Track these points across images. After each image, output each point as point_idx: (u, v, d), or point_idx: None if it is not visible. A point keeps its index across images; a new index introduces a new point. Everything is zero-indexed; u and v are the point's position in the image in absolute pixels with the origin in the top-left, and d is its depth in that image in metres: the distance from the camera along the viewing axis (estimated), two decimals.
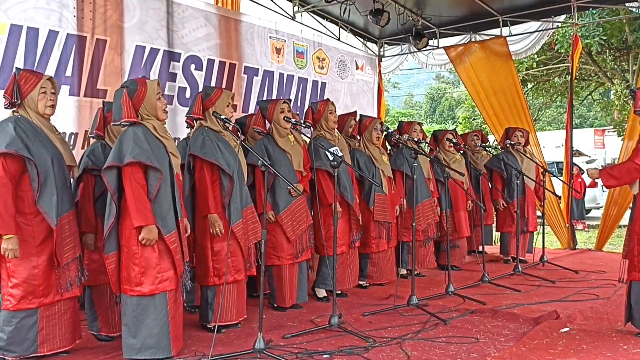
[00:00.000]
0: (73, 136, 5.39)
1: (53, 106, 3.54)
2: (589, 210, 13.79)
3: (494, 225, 7.46)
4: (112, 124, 3.70)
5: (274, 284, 4.68)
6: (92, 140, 4.21)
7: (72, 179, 3.72)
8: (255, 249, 4.22)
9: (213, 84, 6.70)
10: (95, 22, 5.61)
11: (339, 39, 8.73)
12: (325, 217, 4.96)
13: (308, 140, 5.23)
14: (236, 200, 4.03)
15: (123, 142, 3.40)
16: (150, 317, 3.40)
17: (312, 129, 5.06)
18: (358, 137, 5.69)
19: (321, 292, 5.14)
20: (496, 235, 7.36)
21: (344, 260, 5.17)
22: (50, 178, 3.36)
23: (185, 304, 4.50)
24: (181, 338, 3.64)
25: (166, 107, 3.65)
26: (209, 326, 4.08)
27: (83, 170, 3.84)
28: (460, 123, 23.18)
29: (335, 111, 5.19)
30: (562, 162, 8.45)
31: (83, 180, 3.85)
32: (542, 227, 6.87)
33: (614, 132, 17.43)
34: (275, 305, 4.70)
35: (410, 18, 8.10)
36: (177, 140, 5.56)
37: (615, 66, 14.71)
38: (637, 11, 7.98)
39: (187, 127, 4.94)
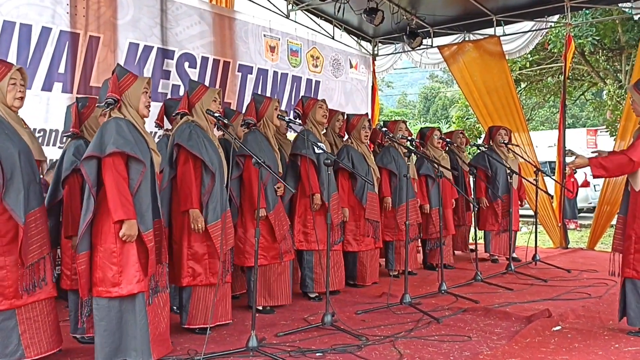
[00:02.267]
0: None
1: (22, 98, 3.31)
2: (581, 210, 13.85)
3: (471, 225, 7.44)
4: (96, 105, 3.56)
5: (257, 284, 4.58)
6: (64, 140, 4.04)
7: (41, 175, 3.48)
8: (230, 256, 4.09)
9: (207, 81, 6.69)
10: (89, 19, 5.59)
11: (333, 38, 8.73)
12: (303, 209, 4.91)
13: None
14: (215, 200, 3.92)
15: (105, 132, 3.24)
16: (131, 318, 3.24)
17: (299, 120, 5.04)
18: (346, 136, 5.66)
19: (312, 292, 5.11)
20: (480, 234, 7.34)
21: (325, 260, 4.98)
22: (17, 173, 3.09)
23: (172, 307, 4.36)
24: (167, 343, 3.49)
25: (149, 104, 3.50)
26: (191, 327, 3.97)
27: (72, 170, 3.68)
28: (454, 122, 23.20)
29: (325, 107, 5.15)
30: (555, 162, 8.48)
31: (69, 181, 3.71)
32: (534, 226, 6.90)
33: (606, 132, 17.49)
34: (260, 308, 4.55)
35: (405, 17, 8.12)
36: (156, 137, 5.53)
37: (608, 66, 14.78)
38: (630, 11, 8.01)
39: (156, 127, 4.86)
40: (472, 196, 6.92)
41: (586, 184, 13.74)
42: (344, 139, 5.73)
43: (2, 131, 3.14)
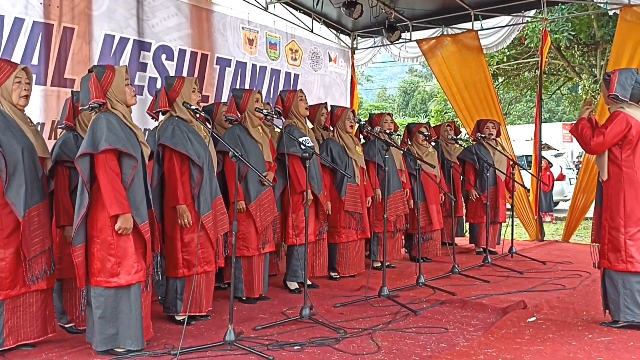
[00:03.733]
0: (39, 126, 5.26)
1: (27, 96, 3.50)
2: (556, 203, 14.05)
3: (463, 216, 7.54)
4: (80, 108, 3.59)
5: (242, 275, 4.64)
6: (59, 132, 4.12)
7: (45, 172, 3.63)
8: (223, 241, 4.20)
9: (184, 74, 6.61)
10: (63, 10, 5.48)
11: (312, 31, 8.70)
12: (295, 205, 4.97)
13: (279, 131, 5.21)
14: (206, 191, 3.99)
15: (96, 129, 3.33)
16: (126, 308, 3.36)
17: (282, 117, 5.05)
18: (331, 128, 5.69)
19: (293, 285, 5.15)
20: (467, 226, 7.45)
21: (311, 249, 5.18)
22: (20, 169, 3.30)
23: (159, 297, 4.45)
24: (150, 329, 3.61)
25: (135, 93, 3.58)
26: (177, 318, 4.04)
27: (55, 162, 3.75)
28: (433, 116, 23.38)
29: (305, 99, 5.18)
30: (532, 156, 8.59)
31: (57, 172, 3.78)
32: (511, 219, 6.99)
33: None
34: (244, 298, 4.67)
35: (383, 11, 8.12)
36: (147, 132, 5.48)
37: (584, 61, 14.98)
38: (605, 7, 8.12)
39: (153, 119, 4.82)
40: (453, 189, 6.99)
41: (562, 177, 13.95)
42: (330, 131, 5.74)
43: (7, 129, 3.32)
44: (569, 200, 10.51)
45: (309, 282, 4.88)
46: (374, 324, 4.05)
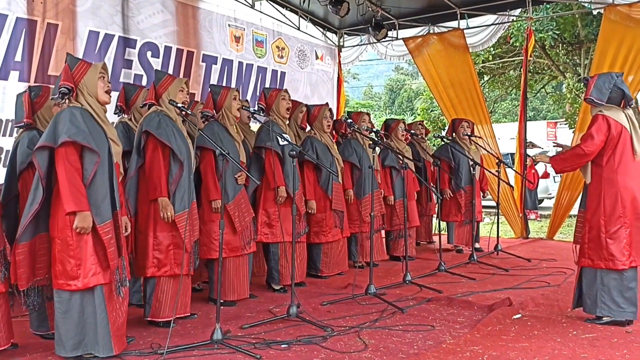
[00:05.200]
0: None
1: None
2: (541, 201, 14.17)
3: (434, 215, 7.54)
4: (50, 97, 3.44)
5: (219, 277, 4.53)
6: (16, 131, 3.84)
7: None
8: (195, 246, 4.05)
9: (170, 71, 6.57)
10: (47, 6, 5.42)
11: (298, 29, 8.68)
12: (267, 201, 4.90)
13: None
14: (183, 189, 3.88)
15: (58, 122, 3.15)
16: (90, 312, 3.19)
17: (263, 113, 5.01)
18: (308, 128, 5.64)
19: (276, 285, 5.09)
20: (440, 224, 7.45)
21: (288, 252, 4.98)
22: None
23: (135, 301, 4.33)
24: (123, 338, 3.40)
25: (109, 89, 3.41)
26: (155, 320, 3.92)
27: (28, 164, 3.55)
28: (419, 114, 23.43)
29: (288, 99, 5.12)
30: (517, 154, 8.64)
31: (24, 175, 3.58)
32: (497, 216, 7.03)
33: (565, 124, 17.92)
34: (222, 301, 4.44)
35: (370, 9, 8.12)
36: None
37: (568, 60, 15.10)
38: (589, 6, 8.19)
39: (115, 113, 4.61)
40: (434, 186, 6.99)
41: (546, 175, 14.05)
42: (307, 130, 5.70)
43: None
44: (553, 198, 10.59)
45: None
46: (361, 321, 4.05)
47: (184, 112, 3.92)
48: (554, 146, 4.23)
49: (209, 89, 4.70)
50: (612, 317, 3.90)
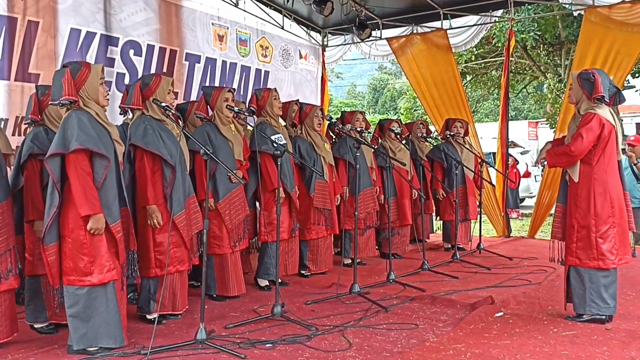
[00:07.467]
0: (3, 122, 5.14)
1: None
2: (522, 200, 14.32)
3: (433, 214, 7.62)
4: (50, 103, 3.53)
5: (214, 274, 4.62)
6: (24, 127, 4.04)
7: (8, 168, 3.57)
8: (197, 239, 4.16)
9: (153, 70, 6.53)
10: (27, 3, 5.35)
11: (282, 28, 8.67)
12: (267, 202, 4.97)
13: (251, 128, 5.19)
14: (178, 190, 3.96)
15: (67, 128, 3.29)
16: (103, 306, 3.36)
17: (254, 115, 5.05)
18: (299, 125, 5.68)
19: (263, 282, 5.14)
20: (437, 223, 7.54)
21: (284, 247, 5.19)
22: None
23: (131, 295, 4.43)
24: (126, 330, 3.57)
25: (108, 94, 3.55)
26: (148, 317, 4.02)
27: (29, 156, 3.70)
28: (402, 114, 23.54)
29: (279, 97, 5.20)
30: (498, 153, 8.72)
31: (28, 167, 3.72)
32: (479, 215, 7.09)
33: (546, 124, 18.12)
34: (215, 295, 4.64)
35: (354, 8, 8.13)
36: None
37: (549, 60, 15.25)
38: (569, 8, 8.29)
39: (121, 114, 4.74)
40: (423, 187, 7.05)
41: (527, 174, 14.21)
42: (295, 129, 5.73)
43: None
44: (534, 196, 10.71)
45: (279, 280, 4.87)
46: (345, 320, 4.07)
47: (170, 114, 3.94)
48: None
49: (202, 91, 4.78)
50: (599, 314, 3.92)
